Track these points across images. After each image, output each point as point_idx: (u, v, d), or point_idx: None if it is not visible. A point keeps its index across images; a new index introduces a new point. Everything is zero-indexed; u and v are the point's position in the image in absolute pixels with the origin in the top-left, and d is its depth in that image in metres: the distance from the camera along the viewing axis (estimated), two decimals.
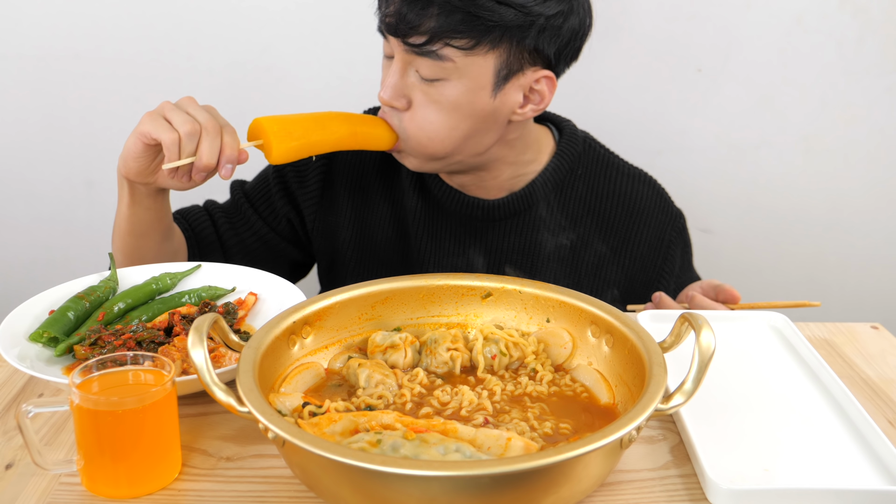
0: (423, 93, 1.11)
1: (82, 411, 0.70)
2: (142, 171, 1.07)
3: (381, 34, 1.12)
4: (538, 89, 1.15)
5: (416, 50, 1.07)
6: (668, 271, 1.31)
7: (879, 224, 1.96)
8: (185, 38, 1.78)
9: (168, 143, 1.01)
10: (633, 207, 1.28)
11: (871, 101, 1.85)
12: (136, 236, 1.14)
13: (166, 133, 1.01)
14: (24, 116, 1.83)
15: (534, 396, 0.81)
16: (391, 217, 1.29)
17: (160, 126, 1.02)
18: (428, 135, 1.13)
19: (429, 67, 1.08)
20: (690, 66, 1.82)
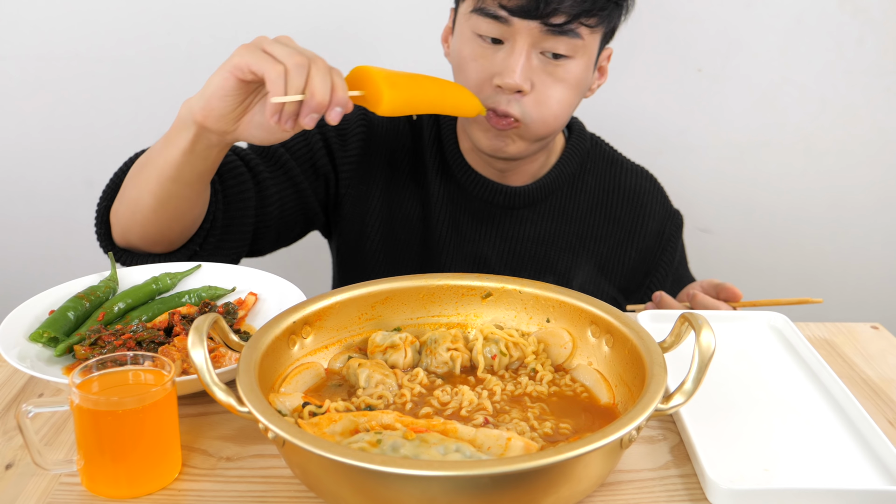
0: (547, 73, 1.12)
1: (82, 411, 0.70)
2: (225, 116, 0.92)
3: (489, 17, 1.09)
4: (604, 65, 1.23)
5: (556, 30, 1.08)
6: (667, 262, 1.37)
7: (879, 224, 1.96)
8: (185, 38, 1.78)
9: (274, 75, 0.85)
10: (637, 202, 1.34)
11: (871, 101, 1.85)
12: (182, 184, 1.01)
13: (270, 65, 0.85)
14: (24, 116, 1.83)
15: (534, 396, 0.81)
16: (416, 196, 1.29)
17: (261, 57, 0.86)
18: (554, 113, 1.14)
19: (562, 46, 1.10)
20: (690, 66, 1.82)
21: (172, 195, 1.02)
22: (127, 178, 1.08)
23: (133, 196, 1.05)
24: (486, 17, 1.10)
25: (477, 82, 1.13)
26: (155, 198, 1.03)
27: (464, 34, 1.15)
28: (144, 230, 1.07)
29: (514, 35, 1.10)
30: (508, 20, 1.08)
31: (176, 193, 1.02)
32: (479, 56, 1.13)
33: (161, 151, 1.00)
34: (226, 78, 0.89)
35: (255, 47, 0.88)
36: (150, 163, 1.02)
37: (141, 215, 1.05)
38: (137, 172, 1.05)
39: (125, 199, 1.07)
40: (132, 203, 1.06)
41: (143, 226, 1.06)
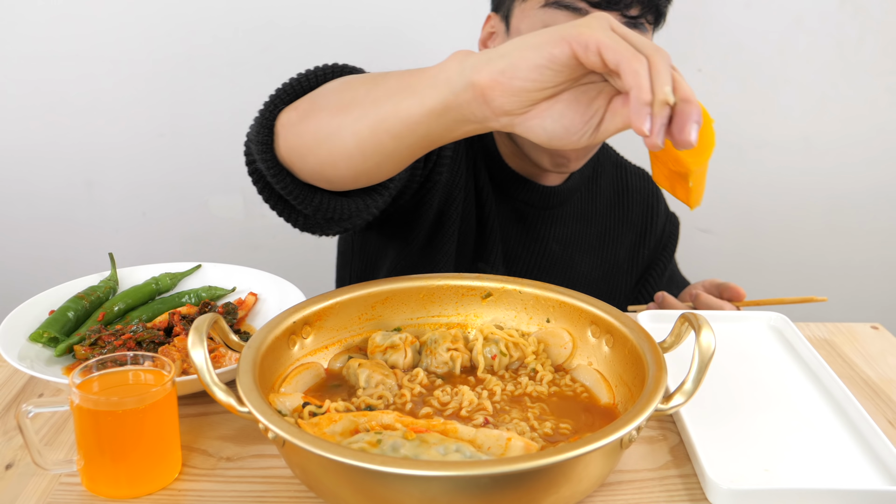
0: None
1: (82, 411, 0.70)
2: (523, 93, 0.68)
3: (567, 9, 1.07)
4: None
5: (632, 21, 1.07)
6: (664, 260, 1.39)
7: (879, 224, 1.96)
8: (185, 38, 1.78)
9: (638, 67, 0.63)
10: (645, 203, 1.37)
11: (871, 101, 1.85)
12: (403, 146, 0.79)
13: (631, 53, 0.63)
14: (24, 116, 1.83)
15: (534, 396, 0.81)
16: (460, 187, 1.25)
17: (617, 40, 0.64)
18: None
19: None
20: (690, 66, 1.82)
21: (381, 151, 0.80)
22: (325, 94, 0.87)
23: (330, 126, 0.83)
24: (563, 9, 1.07)
25: None
26: (359, 144, 0.81)
27: (530, 31, 1.08)
28: (323, 166, 0.86)
29: None
30: (588, 12, 1.06)
31: (388, 151, 0.80)
32: None
33: (394, 96, 0.77)
34: (558, 45, 0.65)
35: (605, 27, 0.65)
36: (372, 102, 0.79)
37: (327, 150, 0.84)
38: (347, 101, 0.83)
39: (315, 120, 0.85)
40: (323, 131, 0.84)
41: (325, 163, 0.85)
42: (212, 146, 1.88)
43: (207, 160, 1.89)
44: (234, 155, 1.88)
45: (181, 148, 1.88)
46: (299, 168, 0.88)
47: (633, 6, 1.06)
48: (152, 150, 1.87)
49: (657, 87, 0.63)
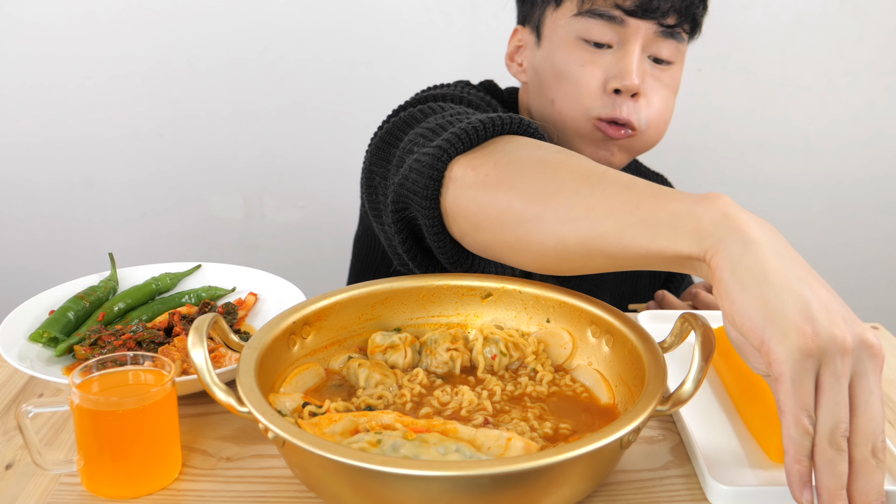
0: (654, 78, 1.10)
1: (82, 411, 0.70)
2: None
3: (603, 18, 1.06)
4: None
5: (668, 30, 1.07)
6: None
7: (879, 224, 1.96)
8: (185, 38, 1.78)
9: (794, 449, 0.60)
10: None
11: (871, 101, 1.86)
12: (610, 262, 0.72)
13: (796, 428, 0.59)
14: (24, 116, 1.83)
15: (534, 396, 0.81)
16: None
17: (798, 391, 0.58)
18: (665, 119, 1.13)
19: (668, 49, 1.08)
20: (690, 66, 1.82)
21: (586, 264, 0.74)
22: (517, 167, 0.77)
23: (526, 213, 0.74)
24: (597, 18, 1.06)
25: (590, 88, 1.09)
26: (560, 249, 0.73)
27: (564, 41, 1.10)
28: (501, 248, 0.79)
29: (627, 37, 1.07)
30: (624, 21, 1.06)
31: (595, 266, 0.74)
32: (587, 61, 1.08)
33: (619, 218, 0.69)
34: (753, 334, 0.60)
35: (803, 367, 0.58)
36: (587, 210, 0.71)
37: (514, 237, 0.76)
38: (551, 192, 0.73)
39: (504, 196, 0.76)
40: (516, 215, 0.75)
41: (506, 246, 0.78)
42: (212, 146, 1.88)
43: (207, 160, 1.89)
44: (234, 155, 1.88)
45: (181, 148, 1.88)
46: (465, 235, 0.80)
47: (669, 15, 1.05)
48: (152, 150, 1.87)
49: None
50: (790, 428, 0.59)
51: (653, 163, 1.49)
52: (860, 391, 0.59)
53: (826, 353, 0.58)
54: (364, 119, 1.36)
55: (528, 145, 0.80)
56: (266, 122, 1.85)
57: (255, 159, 1.86)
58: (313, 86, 1.81)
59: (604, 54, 1.09)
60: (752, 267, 0.60)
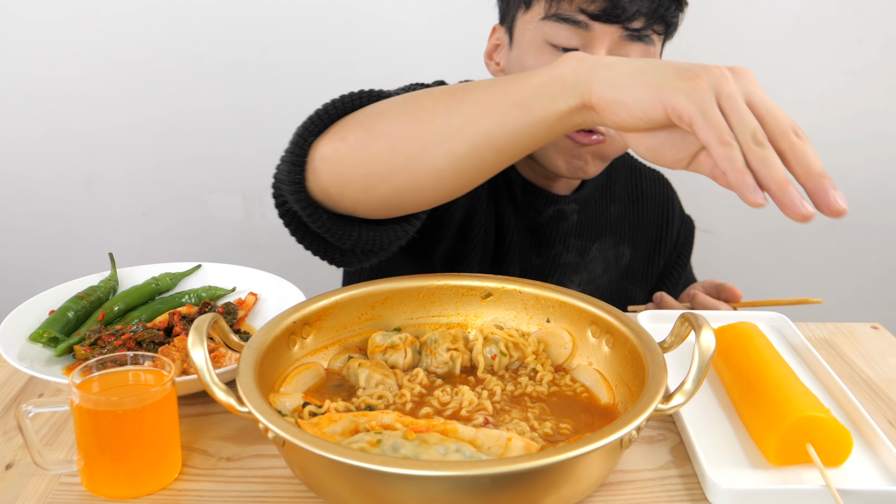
0: None
1: (82, 411, 0.70)
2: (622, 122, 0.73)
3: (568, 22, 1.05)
4: None
5: (635, 34, 1.05)
6: (680, 266, 1.37)
7: (879, 224, 1.96)
8: (185, 38, 1.78)
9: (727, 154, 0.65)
10: (660, 209, 1.35)
11: (871, 101, 1.86)
12: (501, 156, 0.78)
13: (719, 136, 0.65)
14: (24, 116, 1.83)
15: (534, 396, 0.81)
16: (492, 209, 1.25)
17: (712, 116, 0.66)
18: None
19: (638, 52, 1.07)
20: None
21: (482, 167, 0.79)
22: (381, 117, 0.83)
23: (410, 149, 0.80)
24: (563, 22, 1.06)
25: None
26: (454, 163, 0.78)
27: (532, 44, 1.10)
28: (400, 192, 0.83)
29: (591, 41, 1.06)
30: (588, 25, 1.05)
31: (490, 167, 0.79)
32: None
33: (493, 107, 0.76)
34: (651, 106, 0.69)
35: (708, 96, 0.67)
36: (466, 118, 0.77)
37: (409, 175, 0.81)
38: (425, 120, 0.79)
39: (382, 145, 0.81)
40: (401, 155, 0.80)
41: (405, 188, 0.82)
42: (212, 146, 1.88)
43: (207, 160, 1.89)
44: (234, 155, 1.88)
45: (181, 148, 1.88)
46: (359, 202, 0.84)
47: (634, 19, 1.04)
48: (152, 150, 1.87)
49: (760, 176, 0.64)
50: (719, 149, 0.65)
51: None
52: (756, 104, 0.68)
53: (714, 81, 0.67)
54: None
55: (385, 101, 0.84)
56: (266, 122, 1.85)
57: (255, 159, 1.86)
58: (313, 86, 1.81)
59: None
60: (624, 72, 0.70)
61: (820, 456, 0.73)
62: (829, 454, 0.74)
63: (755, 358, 0.86)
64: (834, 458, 0.75)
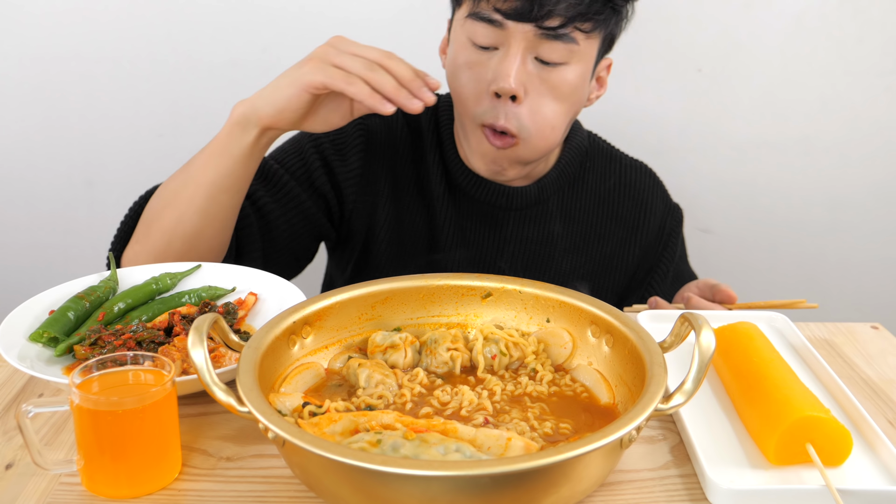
0: (542, 80, 1.09)
1: (82, 411, 0.70)
2: (298, 119, 1.03)
3: (484, 21, 1.07)
4: (602, 76, 1.21)
5: (551, 34, 1.05)
6: (668, 258, 1.36)
7: (879, 224, 1.96)
8: (185, 38, 1.78)
9: (360, 92, 0.96)
10: (638, 198, 1.33)
11: (871, 101, 1.85)
12: (232, 193, 1.08)
13: (347, 83, 0.97)
14: (25, 116, 1.83)
15: (534, 396, 0.81)
16: (420, 203, 1.28)
17: (335, 75, 0.97)
18: (551, 124, 1.12)
19: (557, 51, 1.07)
20: (690, 66, 1.82)
21: (222, 206, 1.07)
22: (152, 212, 1.09)
23: (169, 224, 1.07)
24: (480, 21, 1.08)
25: (473, 91, 1.11)
26: (203, 215, 1.06)
27: (459, 41, 1.13)
28: (182, 256, 1.09)
29: (508, 39, 1.07)
30: (503, 24, 1.06)
31: (226, 204, 1.07)
32: (473, 63, 1.11)
33: (208, 164, 1.05)
34: (300, 94, 0.99)
35: (325, 63, 0.98)
36: (194, 181, 1.06)
37: (181, 240, 1.07)
38: (171, 199, 1.07)
39: (156, 231, 1.08)
40: (168, 232, 1.07)
41: (182, 251, 1.09)
42: None
43: None
44: None
45: (181, 148, 1.87)
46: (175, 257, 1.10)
47: (548, 18, 1.04)
48: (152, 150, 1.87)
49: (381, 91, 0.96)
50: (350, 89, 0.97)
51: (652, 162, 1.48)
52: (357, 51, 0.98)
53: (322, 54, 0.99)
54: None
55: (153, 197, 1.12)
56: None
57: None
58: None
59: (491, 56, 1.10)
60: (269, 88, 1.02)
61: (820, 456, 0.73)
62: (829, 454, 0.74)
63: (755, 358, 0.86)
64: (834, 458, 0.75)
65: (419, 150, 1.28)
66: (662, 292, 1.34)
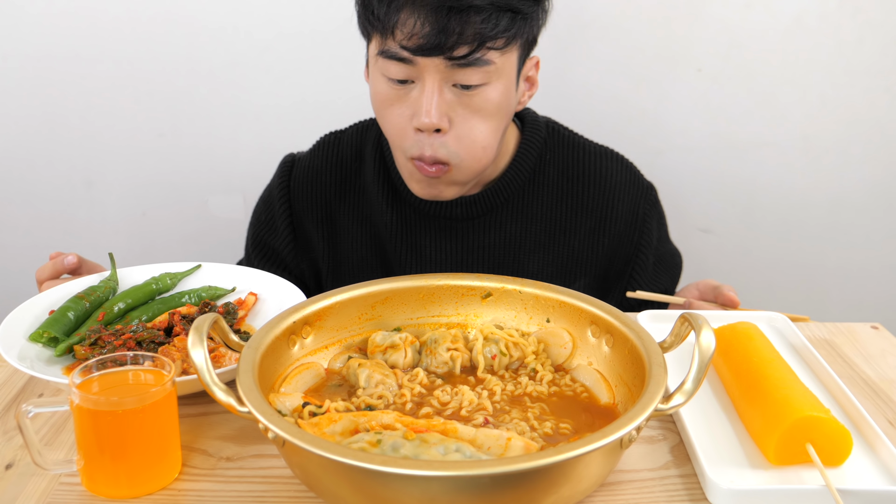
0: (464, 105, 1.07)
1: (82, 411, 0.70)
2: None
3: (394, 59, 1.05)
4: (531, 75, 1.17)
5: (462, 62, 1.03)
6: (646, 245, 1.30)
7: (879, 224, 1.96)
8: (185, 39, 1.78)
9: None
10: (605, 185, 1.27)
11: (871, 101, 1.85)
12: None
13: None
14: (24, 116, 1.83)
15: (534, 396, 0.81)
16: (364, 237, 1.28)
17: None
18: (481, 145, 1.10)
19: (474, 75, 1.05)
20: (690, 66, 1.82)
21: None
22: None
23: None
24: (390, 59, 1.06)
25: (397, 128, 1.10)
26: None
27: (375, 76, 1.11)
28: None
29: (422, 74, 1.05)
30: (413, 60, 1.04)
31: None
32: (394, 100, 1.09)
33: None
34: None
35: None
36: None
37: None
38: None
39: None
40: None
41: None
42: (212, 146, 1.88)
43: (207, 160, 1.89)
44: (234, 155, 1.88)
45: (181, 148, 1.88)
46: None
47: (456, 48, 1.02)
48: (152, 150, 1.87)
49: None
50: None
51: (652, 162, 1.48)
52: None
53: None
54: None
55: None
56: (266, 122, 1.85)
57: (255, 159, 1.86)
58: (313, 86, 1.81)
59: (409, 89, 1.08)
60: None
61: (820, 456, 0.73)
62: (829, 454, 0.74)
63: (755, 358, 0.86)
64: (834, 458, 0.75)
65: (359, 181, 1.28)
66: (644, 280, 1.29)
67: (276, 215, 1.31)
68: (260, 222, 1.34)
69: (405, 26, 1.02)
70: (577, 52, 1.77)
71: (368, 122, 1.32)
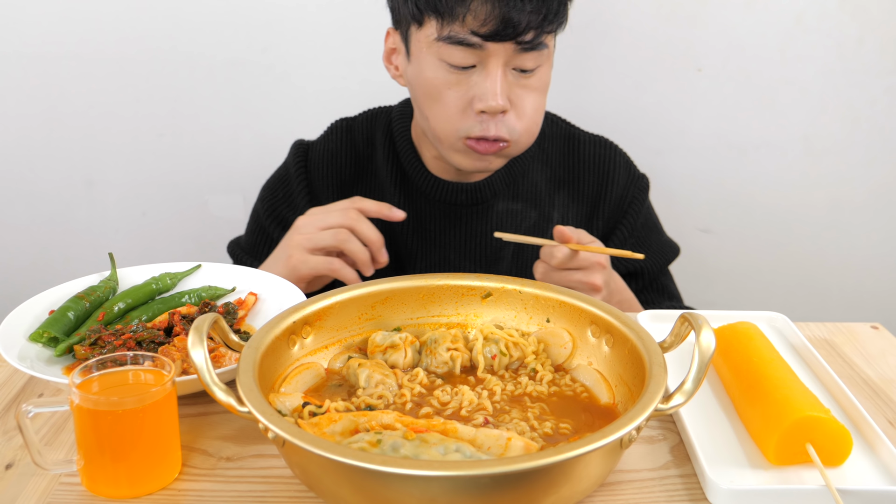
0: (521, 87, 1.13)
1: (82, 411, 0.70)
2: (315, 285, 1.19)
3: (461, 45, 1.08)
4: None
5: (527, 46, 1.09)
6: (628, 224, 1.33)
7: (879, 224, 1.96)
8: (185, 38, 1.78)
9: (342, 272, 1.13)
10: (599, 172, 1.33)
11: (871, 101, 1.85)
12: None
13: (329, 265, 1.13)
14: (24, 116, 1.83)
15: (534, 396, 0.81)
16: (375, 220, 1.28)
17: (316, 263, 1.12)
18: (536, 122, 1.16)
19: (534, 59, 1.11)
20: (690, 66, 1.82)
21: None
22: None
23: None
24: (456, 45, 1.09)
25: (454, 110, 1.13)
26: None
27: (430, 63, 1.13)
28: None
29: (487, 58, 1.09)
30: (483, 45, 1.08)
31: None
32: (453, 84, 1.12)
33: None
34: (297, 284, 1.11)
35: (304, 253, 1.13)
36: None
37: None
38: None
39: None
40: None
41: None
42: (212, 146, 1.88)
43: (207, 160, 1.89)
44: (234, 155, 1.88)
45: (181, 148, 1.88)
46: None
47: (525, 33, 1.07)
48: (152, 150, 1.87)
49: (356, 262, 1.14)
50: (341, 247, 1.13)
51: (652, 162, 1.49)
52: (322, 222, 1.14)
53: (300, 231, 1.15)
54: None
55: None
56: (266, 122, 1.85)
57: (255, 159, 1.86)
58: (313, 85, 1.81)
59: (470, 74, 1.12)
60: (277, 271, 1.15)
61: (820, 456, 0.73)
62: (829, 454, 0.74)
63: (755, 358, 0.86)
64: (834, 458, 0.75)
65: (371, 165, 1.31)
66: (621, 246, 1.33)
67: (295, 192, 1.32)
68: (276, 198, 1.34)
69: (478, 12, 1.06)
70: (577, 52, 1.77)
71: (378, 111, 1.36)
